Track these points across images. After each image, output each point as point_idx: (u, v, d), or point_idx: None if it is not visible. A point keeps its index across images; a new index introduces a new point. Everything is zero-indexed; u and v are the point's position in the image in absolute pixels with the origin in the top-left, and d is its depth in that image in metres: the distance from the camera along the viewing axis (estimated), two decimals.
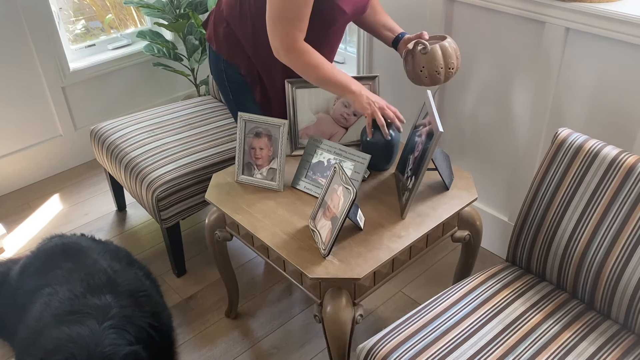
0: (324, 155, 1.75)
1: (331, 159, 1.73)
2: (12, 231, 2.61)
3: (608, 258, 1.42)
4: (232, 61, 1.87)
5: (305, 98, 1.85)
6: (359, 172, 1.68)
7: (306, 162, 1.77)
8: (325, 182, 1.64)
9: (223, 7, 1.84)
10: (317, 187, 1.72)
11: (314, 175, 1.74)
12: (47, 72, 2.80)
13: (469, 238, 1.78)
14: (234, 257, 2.39)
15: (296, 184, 1.76)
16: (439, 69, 1.72)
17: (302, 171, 1.76)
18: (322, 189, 1.68)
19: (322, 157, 1.75)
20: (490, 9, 1.96)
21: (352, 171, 1.68)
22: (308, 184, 1.74)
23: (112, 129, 2.41)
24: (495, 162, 2.22)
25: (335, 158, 1.72)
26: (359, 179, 1.67)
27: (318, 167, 1.74)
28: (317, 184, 1.72)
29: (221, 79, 1.95)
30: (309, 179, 1.75)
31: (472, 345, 1.38)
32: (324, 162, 1.74)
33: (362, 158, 1.68)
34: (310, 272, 1.44)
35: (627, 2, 1.67)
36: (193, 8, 2.92)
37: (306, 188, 1.74)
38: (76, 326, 1.39)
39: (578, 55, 1.80)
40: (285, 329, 2.09)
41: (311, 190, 1.73)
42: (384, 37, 1.90)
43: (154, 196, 2.09)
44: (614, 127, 1.80)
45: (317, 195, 1.71)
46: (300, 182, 1.76)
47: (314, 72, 1.66)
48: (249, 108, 1.90)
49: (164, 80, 3.31)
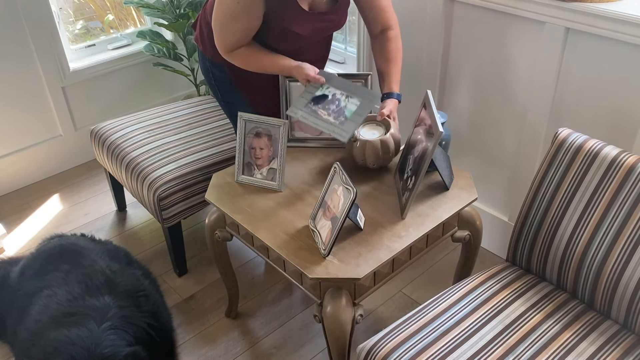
0: (330, 90, 1.70)
1: (337, 94, 1.68)
2: (12, 231, 2.61)
3: (608, 258, 1.42)
4: (216, 61, 1.91)
5: (299, 91, 1.86)
6: (365, 109, 1.65)
7: (309, 94, 1.71)
8: (324, 118, 1.61)
9: (207, 9, 1.90)
10: (316, 118, 1.65)
11: (315, 107, 1.68)
12: (47, 72, 2.80)
13: (469, 238, 1.78)
14: (234, 257, 2.39)
15: (294, 112, 1.69)
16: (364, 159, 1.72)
17: (302, 101, 1.70)
18: (322, 122, 1.64)
19: (327, 91, 1.69)
20: (490, 9, 1.96)
21: (356, 109, 1.64)
22: (307, 114, 1.67)
23: (113, 129, 2.41)
24: (495, 162, 2.22)
25: (342, 93, 1.67)
26: (362, 117, 1.64)
27: (321, 100, 1.69)
28: (317, 115, 1.66)
29: (208, 78, 2.01)
30: (308, 109, 1.68)
31: (472, 345, 1.38)
32: (328, 95, 1.69)
33: (372, 96, 1.66)
34: (310, 272, 1.44)
35: (627, 2, 1.67)
36: (193, 8, 2.92)
37: (303, 117, 1.68)
38: (75, 328, 1.39)
39: (578, 55, 1.80)
40: (285, 329, 2.08)
41: (308, 119, 1.67)
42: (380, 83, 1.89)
43: (156, 195, 2.09)
44: (614, 127, 1.80)
45: (314, 125, 1.67)
46: (298, 111, 1.68)
47: (254, 67, 1.79)
48: (236, 106, 1.92)
49: (164, 80, 3.31)
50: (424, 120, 1.66)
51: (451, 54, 2.19)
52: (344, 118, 1.67)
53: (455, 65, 2.19)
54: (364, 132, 1.74)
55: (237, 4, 1.65)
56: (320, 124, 1.67)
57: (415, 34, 2.25)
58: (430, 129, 1.57)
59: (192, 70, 3.07)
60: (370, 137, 1.71)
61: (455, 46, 2.16)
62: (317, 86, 1.73)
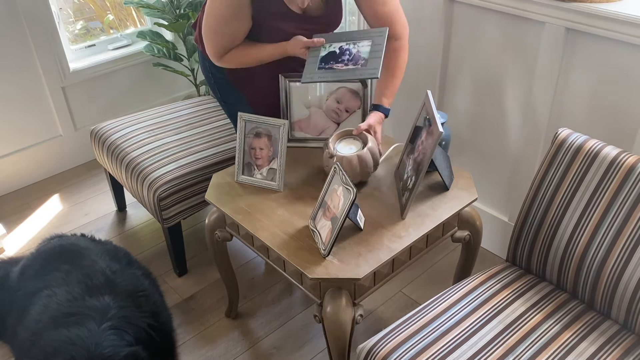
0: (333, 46, 1.65)
1: (343, 46, 1.63)
2: (12, 231, 2.61)
3: (608, 258, 1.42)
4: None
5: (299, 92, 1.85)
6: (380, 43, 1.60)
7: (314, 58, 1.66)
8: (344, 68, 1.57)
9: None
10: (335, 74, 1.60)
11: (328, 65, 1.63)
12: (47, 72, 2.80)
13: (469, 238, 1.78)
14: (234, 257, 2.39)
15: (310, 78, 1.63)
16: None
17: (312, 66, 1.65)
18: (344, 73, 1.58)
19: (331, 48, 1.65)
20: (490, 9, 1.96)
21: (370, 47, 1.59)
22: (323, 74, 1.62)
23: (113, 129, 2.41)
24: (495, 162, 2.22)
25: (348, 43, 1.62)
26: (381, 50, 1.58)
27: (331, 58, 1.65)
28: (334, 71, 1.60)
29: (208, 78, 2.02)
30: (322, 70, 1.63)
31: (472, 346, 1.38)
32: (335, 51, 1.64)
33: (379, 32, 1.61)
34: (310, 272, 1.44)
35: (627, 2, 1.67)
36: (193, 8, 2.92)
37: (321, 77, 1.62)
38: (75, 328, 1.39)
39: (578, 55, 1.80)
40: (285, 329, 2.08)
41: (327, 78, 1.61)
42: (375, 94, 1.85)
43: (156, 195, 2.09)
44: (614, 127, 1.80)
45: (338, 79, 1.62)
46: (313, 75, 1.63)
47: (248, 62, 1.77)
48: (236, 106, 1.92)
49: (164, 80, 3.31)
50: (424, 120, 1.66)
51: (451, 54, 2.19)
52: (364, 60, 1.60)
53: (455, 65, 2.19)
54: (340, 148, 1.70)
55: (225, 9, 1.65)
56: (343, 75, 1.60)
57: (415, 34, 2.24)
58: (431, 129, 1.57)
59: (192, 70, 3.07)
60: (346, 153, 1.66)
61: (455, 46, 2.16)
62: (318, 49, 1.68)
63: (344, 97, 1.86)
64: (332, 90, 1.86)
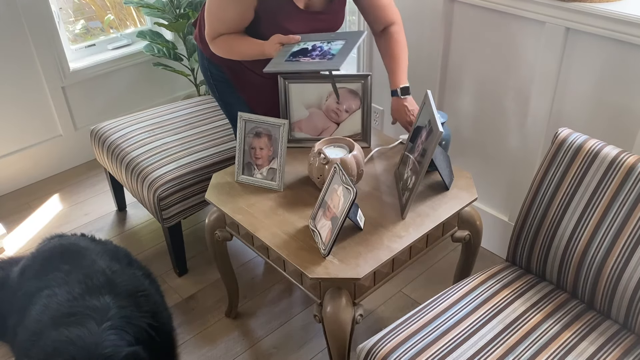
0: (307, 44, 1.67)
1: (317, 44, 1.64)
2: (12, 231, 2.61)
3: (608, 258, 1.42)
4: (214, 60, 1.92)
5: (298, 93, 1.85)
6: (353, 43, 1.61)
7: (285, 52, 1.66)
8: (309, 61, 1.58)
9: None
10: (298, 65, 1.62)
11: (295, 58, 1.64)
12: (47, 72, 2.80)
13: (469, 238, 1.78)
14: (234, 257, 2.39)
15: (273, 66, 1.65)
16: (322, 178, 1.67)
17: (280, 59, 1.66)
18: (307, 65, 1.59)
19: (305, 45, 1.67)
20: (490, 8, 1.96)
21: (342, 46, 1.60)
22: (288, 65, 1.63)
23: (113, 129, 2.41)
24: (495, 162, 2.22)
25: (323, 41, 1.63)
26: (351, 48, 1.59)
27: (301, 52, 1.66)
28: (300, 63, 1.62)
29: (207, 76, 2.02)
30: (288, 62, 1.64)
31: (472, 345, 1.38)
32: (307, 47, 1.65)
33: (355, 34, 1.63)
34: (310, 272, 1.44)
35: (627, 2, 1.67)
36: (193, 8, 2.92)
37: (285, 68, 1.65)
38: (75, 328, 1.39)
39: (578, 55, 1.80)
40: (285, 329, 2.08)
41: (290, 68, 1.63)
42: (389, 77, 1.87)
43: (156, 195, 2.09)
44: (614, 127, 1.80)
45: (299, 70, 1.64)
46: (278, 65, 1.64)
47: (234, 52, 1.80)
48: (235, 106, 1.92)
49: (164, 80, 3.31)
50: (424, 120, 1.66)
51: (451, 54, 2.19)
52: (331, 55, 1.62)
53: (455, 65, 2.19)
54: (328, 152, 1.68)
55: None
56: (305, 66, 1.61)
57: (415, 34, 2.25)
58: (431, 129, 1.57)
59: (192, 70, 3.07)
60: (332, 157, 1.65)
61: (455, 46, 2.16)
62: (292, 45, 1.69)
63: (343, 97, 1.86)
64: (331, 91, 1.86)
